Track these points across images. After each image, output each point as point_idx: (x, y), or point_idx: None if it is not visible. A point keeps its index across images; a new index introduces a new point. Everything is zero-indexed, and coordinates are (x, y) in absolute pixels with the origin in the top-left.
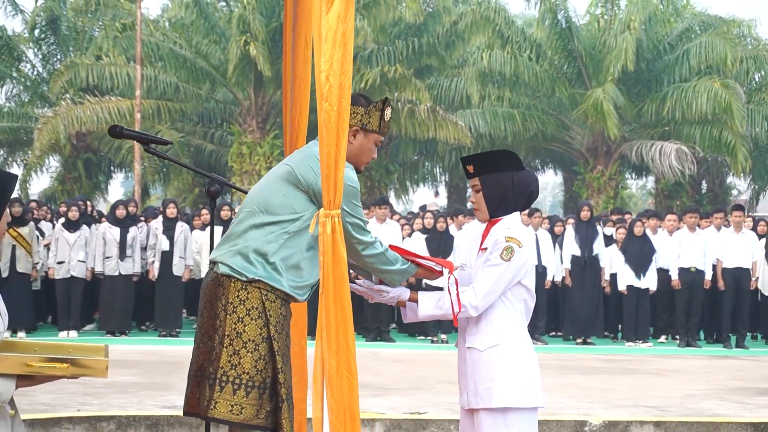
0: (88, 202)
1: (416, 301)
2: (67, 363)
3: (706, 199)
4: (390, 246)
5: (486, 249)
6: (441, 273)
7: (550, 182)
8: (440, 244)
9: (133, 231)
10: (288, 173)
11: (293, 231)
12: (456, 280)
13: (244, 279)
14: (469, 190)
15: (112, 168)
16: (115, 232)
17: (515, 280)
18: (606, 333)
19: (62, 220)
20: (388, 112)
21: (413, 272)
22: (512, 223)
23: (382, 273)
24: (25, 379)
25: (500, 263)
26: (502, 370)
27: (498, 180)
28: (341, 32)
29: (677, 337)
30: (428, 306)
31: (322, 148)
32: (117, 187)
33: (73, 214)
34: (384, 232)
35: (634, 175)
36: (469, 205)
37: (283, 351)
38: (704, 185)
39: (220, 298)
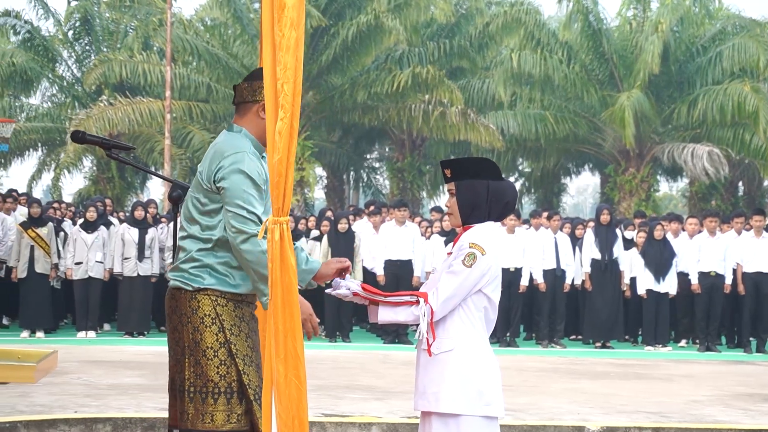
0: (108, 201)
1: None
2: None
3: (742, 202)
4: (362, 285)
5: (452, 254)
6: (417, 303)
7: (590, 184)
8: None
9: (151, 232)
10: (196, 178)
11: (219, 234)
12: (432, 310)
13: (191, 289)
14: None
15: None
16: (134, 233)
17: (476, 288)
18: (626, 337)
19: (81, 220)
20: None
21: (309, 277)
22: (482, 231)
23: (258, 278)
24: None
25: (462, 270)
26: (452, 375)
27: (473, 187)
28: (294, 39)
29: (697, 341)
30: (388, 312)
31: (274, 155)
32: (157, 187)
33: (91, 214)
34: (403, 235)
35: (667, 177)
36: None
37: (244, 352)
38: (741, 188)
39: (175, 310)
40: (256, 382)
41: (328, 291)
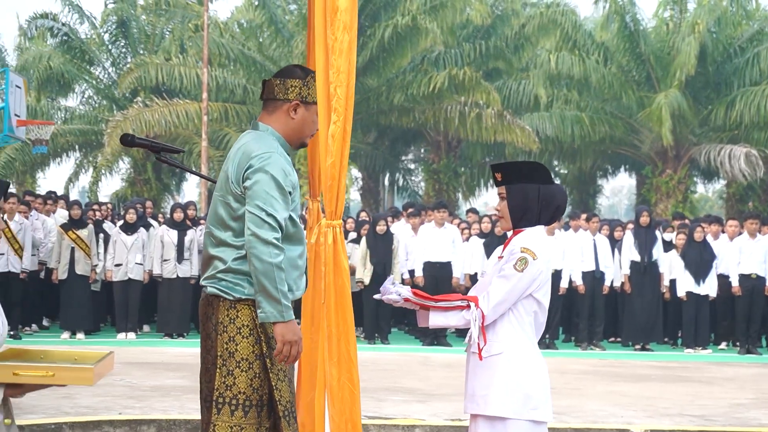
0: (148, 203)
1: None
2: (52, 372)
3: None
4: (413, 291)
5: (503, 258)
6: (468, 307)
7: (625, 185)
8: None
9: (190, 234)
10: (226, 180)
11: None
12: (483, 314)
13: (232, 298)
14: None
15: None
16: (173, 235)
17: (527, 292)
18: (666, 339)
19: (120, 222)
20: None
21: (290, 317)
22: (533, 235)
23: (260, 289)
24: (14, 388)
25: (513, 274)
26: (501, 378)
27: (524, 191)
28: (347, 42)
29: (738, 344)
30: (439, 317)
31: (327, 158)
32: (192, 189)
33: (131, 216)
34: (442, 237)
35: (704, 179)
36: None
37: (278, 366)
38: None
39: (210, 317)
40: (287, 398)
41: (377, 296)
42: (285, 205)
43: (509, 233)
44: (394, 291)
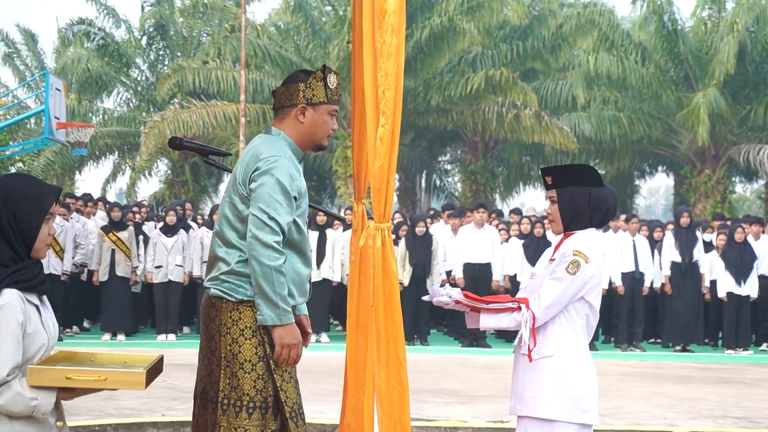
0: (188, 205)
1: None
2: (104, 376)
3: None
4: (463, 293)
5: (554, 260)
6: (519, 309)
7: (662, 186)
8: (537, 249)
9: None
10: (234, 181)
11: None
12: (534, 316)
13: (234, 300)
14: None
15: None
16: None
17: (579, 295)
18: (706, 340)
19: (160, 224)
20: (332, 79)
21: (288, 321)
22: (584, 238)
23: (259, 292)
24: (66, 391)
25: (565, 277)
26: (551, 381)
27: (575, 194)
28: (395, 45)
29: None
30: (490, 319)
31: (375, 161)
32: None
33: (171, 218)
34: (482, 238)
35: (743, 179)
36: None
37: (283, 368)
38: None
39: (214, 319)
40: (294, 399)
41: (425, 298)
42: (289, 209)
43: (555, 236)
44: (445, 293)
